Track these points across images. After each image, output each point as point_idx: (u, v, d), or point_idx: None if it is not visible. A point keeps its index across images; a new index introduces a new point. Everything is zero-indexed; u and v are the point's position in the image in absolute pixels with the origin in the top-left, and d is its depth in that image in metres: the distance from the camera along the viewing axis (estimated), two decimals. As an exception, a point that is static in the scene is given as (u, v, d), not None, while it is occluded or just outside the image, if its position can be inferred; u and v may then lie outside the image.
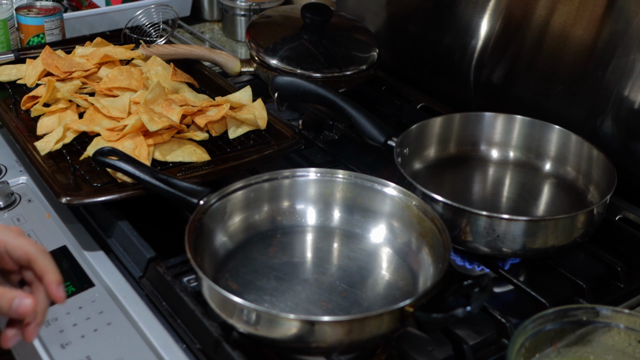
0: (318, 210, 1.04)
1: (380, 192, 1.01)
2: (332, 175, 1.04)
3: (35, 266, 0.78)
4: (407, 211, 0.98)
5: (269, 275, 0.94)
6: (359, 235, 1.02)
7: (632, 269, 1.04)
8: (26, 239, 0.80)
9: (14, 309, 0.75)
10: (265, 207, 1.03)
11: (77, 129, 1.18)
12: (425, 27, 1.51)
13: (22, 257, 0.79)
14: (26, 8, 1.58)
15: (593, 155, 1.13)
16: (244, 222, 1.01)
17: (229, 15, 1.82)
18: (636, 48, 1.13)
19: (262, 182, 1.02)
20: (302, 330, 0.78)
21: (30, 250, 0.78)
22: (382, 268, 0.98)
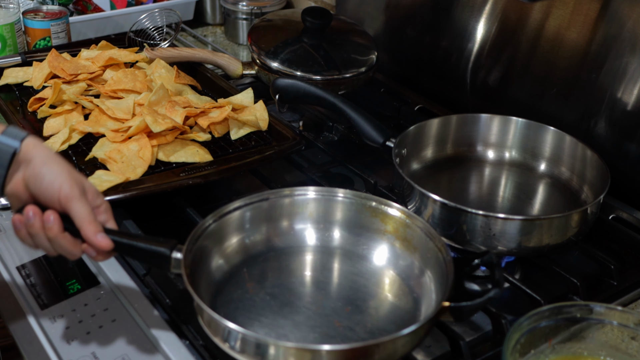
0: (318, 230, 0.99)
1: (383, 212, 0.96)
2: (333, 194, 0.98)
3: (84, 232, 0.81)
4: (410, 232, 0.93)
5: (267, 299, 0.89)
6: (360, 256, 0.97)
7: (625, 267, 1.04)
8: (89, 207, 0.82)
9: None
10: (264, 228, 0.97)
11: (83, 130, 1.18)
12: (423, 31, 1.51)
13: (77, 221, 0.81)
14: (33, 12, 1.58)
15: (587, 155, 1.13)
16: (241, 243, 0.96)
17: (231, 19, 1.82)
18: (629, 51, 1.13)
19: (259, 202, 0.96)
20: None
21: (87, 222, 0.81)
22: (384, 290, 0.93)
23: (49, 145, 1.16)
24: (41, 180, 0.81)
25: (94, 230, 0.81)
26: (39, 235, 0.82)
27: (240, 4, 1.78)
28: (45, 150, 0.83)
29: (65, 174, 0.82)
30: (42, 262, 1.03)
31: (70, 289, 0.98)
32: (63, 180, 0.81)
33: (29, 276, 1.01)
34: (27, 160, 0.82)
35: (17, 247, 1.06)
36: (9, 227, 1.10)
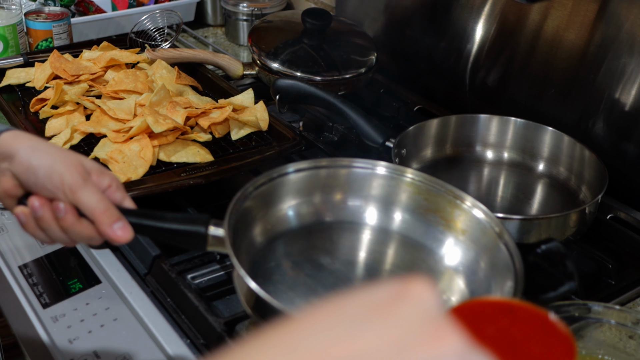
0: (375, 208, 0.89)
1: (454, 202, 0.86)
2: (400, 173, 0.87)
3: (99, 226, 0.71)
4: (481, 232, 0.82)
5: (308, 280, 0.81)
6: (418, 245, 0.87)
7: (623, 267, 1.04)
8: (97, 194, 0.71)
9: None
10: (317, 198, 0.87)
11: (85, 130, 1.18)
12: (422, 32, 1.51)
13: (88, 213, 0.71)
14: (35, 13, 1.58)
15: (585, 156, 1.13)
16: (288, 211, 0.86)
17: (231, 20, 1.82)
18: (627, 52, 1.13)
19: (316, 169, 0.85)
20: None
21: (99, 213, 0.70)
22: (441, 285, 0.84)
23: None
24: (35, 175, 0.71)
25: (109, 221, 0.70)
26: (52, 227, 0.71)
27: (241, 5, 1.78)
28: (28, 140, 0.73)
29: (59, 161, 0.71)
30: (44, 262, 1.03)
31: (72, 288, 0.98)
32: (62, 169, 0.70)
33: (31, 275, 1.01)
34: (9, 156, 0.72)
35: (19, 246, 1.06)
36: (10, 226, 1.10)
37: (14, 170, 0.72)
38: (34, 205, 0.71)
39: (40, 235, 0.73)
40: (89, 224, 0.71)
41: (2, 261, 1.04)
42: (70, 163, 0.71)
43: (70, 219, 0.71)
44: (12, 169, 0.72)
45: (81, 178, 0.71)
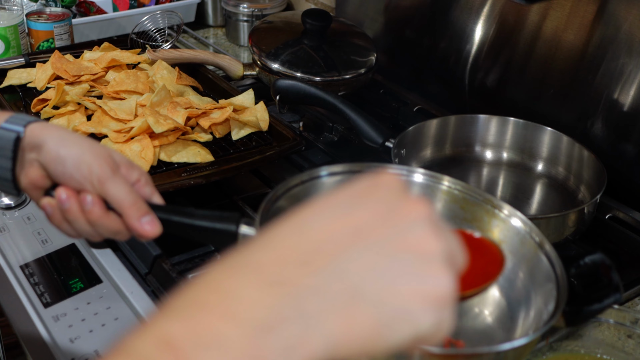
0: None
1: (492, 212, 0.82)
2: (438, 181, 0.84)
3: (126, 219, 0.70)
4: (519, 242, 0.79)
5: None
6: None
7: (621, 266, 1.04)
8: (126, 186, 0.70)
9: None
10: None
11: (86, 130, 1.18)
12: (422, 33, 1.51)
13: (116, 205, 0.69)
14: (36, 14, 1.58)
15: (584, 156, 1.13)
16: None
17: (232, 20, 1.82)
18: (625, 53, 1.13)
19: (350, 173, 0.81)
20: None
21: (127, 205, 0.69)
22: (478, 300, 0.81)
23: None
24: (63, 164, 0.69)
25: (137, 214, 0.69)
26: (79, 220, 0.70)
27: (241, 6, 1.78)
28: (56, 130, 0.71)
29: (88, 152, 0.69)
30: (45, 261, 1.03)
31: (73, 288, 0.98)
32: (90, 160, 0.68)
33: (33, 275, 1.01)
34: (37, 146, 0.70)
35: (21, 246, 1.06)
36: (12, 226, 1.10)
37: (42, 160, 0.70)
38: (61, 196, 0.69)
39: (67, 227, 0.72)
40: (116, 217, 0.70)
41: (4, 261, 1.04)
42: (99, 154, 0.70)
43: (98, 212, 0.69)
44: (40, 159, 0.70)
45: (110, 170, 0.69)
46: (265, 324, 0.39)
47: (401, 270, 0.43)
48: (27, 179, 0.72)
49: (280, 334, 0.39)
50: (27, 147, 0.71)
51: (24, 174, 0.72)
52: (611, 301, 0.72)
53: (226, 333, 0.38)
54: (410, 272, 0.43)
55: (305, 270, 0.41)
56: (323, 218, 0.44)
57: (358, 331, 0.42)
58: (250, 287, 0.41)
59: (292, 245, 0.43)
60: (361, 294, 0.42)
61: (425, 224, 0.45)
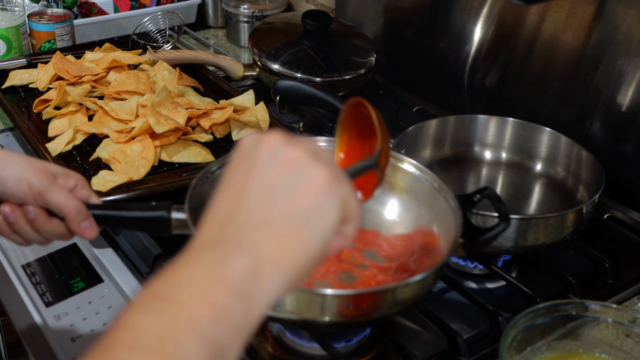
0: None
1: (396, 166, 0.94)
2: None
3: (68, 223, 0.77)
4: (419, 185, 0.92)
5: None
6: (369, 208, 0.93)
7: (619, 266, 1.04)
8: (64, 193, 0.76)
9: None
10: None
11: (87, 131, 1.18)
12: (421, 33, 1.51)
13: (57, 211, 0.76)
14: (38, 15, 1.58)
15: (582, 156, 1.13)
16: None
17: (232, 21, 1.82)
18: (624, 53, 1.13)
19: None
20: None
21: (67, 210, 0.76)
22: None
23: (54, 146, 1.16)
24: (5, 185, 0.75)
25: (78, 220, 0.76)
26: (25, 229, 0.77)
27: (242, 7, 1.78)
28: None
29: (27, 169, 0.76)
30: (47, 261, 1.03)
31: (75, 287, 0.98)
32: (29, 176, 0.75)
33: (34, 274, 1.01)
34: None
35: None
36: (14, 226, 1.10)
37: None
38: (5, 211, 0.76)
39: (16, 237, 0.78)
40: (59, 222, 0.77)
41: (6, 260, 1.04)
42: (37, 169, 0.76)
43: (41, 219, 0.76)
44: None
45: (48, 182, 0.76)
46: (220, 261, 0.50)
47: (288, 186, 0.53)
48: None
49: (233, 264, 0.50)
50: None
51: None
52: (500, 229, 0.81)
53: (193, 275, 0.49)
54: (294, 183, 0.53)
55: (230, 223, 0.52)
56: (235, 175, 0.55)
57: (291, 245, 0.52)
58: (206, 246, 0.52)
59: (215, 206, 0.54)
60: (272, 218, 0.52)
61: (282, 145, 0.54)
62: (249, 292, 0.49)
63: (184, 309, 0.47)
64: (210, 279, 0.49)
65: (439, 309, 0.94)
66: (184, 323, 0.46)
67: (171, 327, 0.46)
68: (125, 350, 0.45)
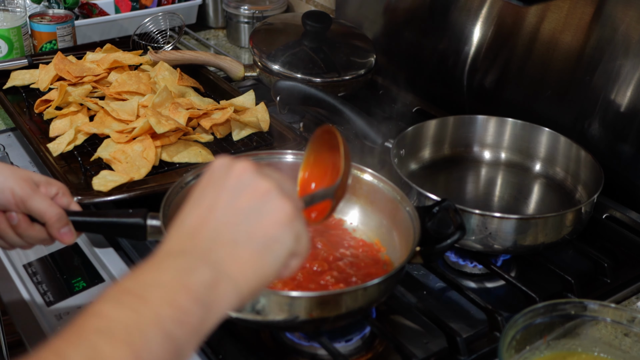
0: None
1: (356, 177, 0.98)
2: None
3: (48, 229, 0.81)
4: (379, 195, 0.96)
5: None
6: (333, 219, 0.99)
7: (618, 265, 1.04)
8: (46, 200, 0.80)
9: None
10: None
11: (88, 131, 1.18)
12: (421, 34, 1.51)
13: (39, 217, 0.80)
14: (39, 16, 1.58)
15: (581, 156, 1.13)
16: None
17: (233, 22, 1.82)
18: (622, 54, 1.13)
19: None
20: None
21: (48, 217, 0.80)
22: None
23: (56, 146, 1.16)
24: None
25: (58, 226, 0.80)
26: (8, 234, 0.81)
27: (242, 7, 1.78)
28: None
29: (10, 177, 0.80)
30: (48, 260, 1.03)
31: (76, 287, 0.98)
32: (12, 183, 0.79)
33: (36, 274, 1.01)
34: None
35: (24, 245, 1.06)
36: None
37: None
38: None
39: (0, 242, 0.83)
40: (40, 227, 0.81)
41: (7, 260, 1.04)
42: (20, 178, 0.80)
43: (24, 225, 0.80)
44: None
45: (30, 189, 0.80)
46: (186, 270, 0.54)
47: (255, 213, 0.58)
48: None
49: (197, 274, 0.54)
50: None
51: None
52: (456, 238, 0.84)
53: (161, 279, 0.54)
54: (261, 211, 0.58)
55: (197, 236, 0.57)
56: (197, 201, 0.60)
57: (249, 266, 0.57)
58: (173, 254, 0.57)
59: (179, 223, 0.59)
60: (237, 240, 0.57)
61: (254, 175, 0.59)
62: (208, 300, 0.54)
63: (151, 306, 0.52)
64: (176, 284, 0.54)
65: (438, 309, 0.94)
66: (151, 319, 0.51)
67: (139, 320, 0.51)
68: (95, 334, 0.49)
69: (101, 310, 0.52)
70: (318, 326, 0.82)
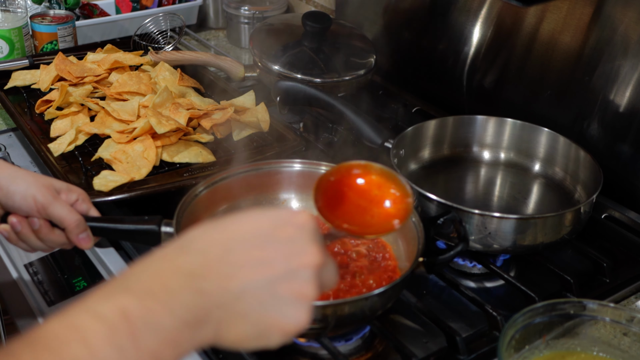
0: (301, 199, 1.03)
1: None
2: (316, 166, 1.02)
3: (67, 234, 0.84)
4: None
5: None
6: None
7: (617, 265, 1.04)
8: (66, 207, 0.84)
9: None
10: (251, 195, 1.01)
11: (89, 131, 1.18)
12: (420, 35, 1.51)
13: (59, 223, 0.84)
14: (40, 16, 1.58)
15: (580, 156, 1.13)
16: (230, 209, 0.99)
17: (233, 23, 1.82)
18: (621, 54, 1.13)
19: (247, 172, 1.00)
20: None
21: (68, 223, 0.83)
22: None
23: (57, 146, 1.17)
24: (13, 199, 0.83)
25: (76, 232, 0.84)
26: (31, 238, 0.85)
27: (243, 8, 1.78)
28: (8, 169, 0.85)
29: (33, 184, 0.83)
30: (49, 260, 1.03)
31: (77, 286, 0.98)
32: (34, 191, 0.83)
33: (37, 274, 1.01)
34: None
35: (25, 245, 1.06)
36: (17, 225, 1.10)
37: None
38: (12, 222, 0.84)
39: (22, 245, 0.86)
40: (61, 233, 0.85)
41: (8, 259, 1.04)
42: (42, 185, 0.84)
43: (45, 230, 0.84)
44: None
45: (51, 196, 0.83)
46: (189, 322, 0.52)
47: (277, 307, 0.55)
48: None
49: (196, 332, 0.53)
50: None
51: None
52: (459, 249, 0.85)
53: (163, 321, 0.51)
54: (280, 310, 0.55)
55: (222, 285, 0.54)
56: (244, 244, 0.56)
57: (242, 338, 0.56)
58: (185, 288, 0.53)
59: (217, 257, 0.55)
60: (248, 316, 0.55)
61: (310, 275, 0.56)
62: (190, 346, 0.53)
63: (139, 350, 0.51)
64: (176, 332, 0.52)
65: (438, 308, 0.94)
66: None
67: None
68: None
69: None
70: (318, 333, 0.83)
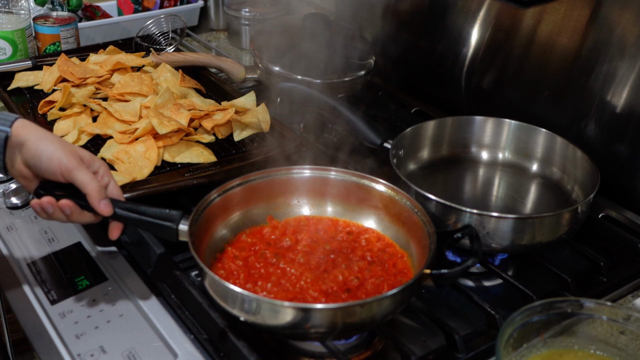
0: (312, 204, 1.03)
1: (372, 188, 1.00)
2: (326, 172, 1.02)
3: (89, 199, 0.87)
4: (397, 207, 0.97)
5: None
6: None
7: (614, 264, 1.04)
8: (88, 174, 0.86)
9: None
10: (263, 202, 1.01)
11: (91, 131, 1.18)
12: (419, 36, 1.51)
13: (81, 188, 0.86)
14: (43, 18, 1.58)
15: (577, 156, 1.13)
16: (242, 215, 0.99)
17: (234, 24, 1.82)
18: (618, 55, 1.13)
19: (259, 179, 1.00)
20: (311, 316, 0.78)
21: (90, 189, 0.86)
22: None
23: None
24: (40, 159, 0.85)
25: (98, 197, 0.86)
26: (61, 218, 0.88)
27: (243, 10, 1.78)
28: (35, 130, 0.88)
29: (59, 148, 0.86)
30: (52, 259, 1.03)
31: (79, 285, 0.98)
32: (60, 154, 0.85)
33: (40, 273, 1.01)
34: (20, 144, 0.87)
35: (28, 244, 1.06)
36: (20, 225, 1.10)
37: (24, 156, 0.87)
38: (44, 206, 0.86)
39: (50, 219, 0.89)
40: (89, 214, 0.88)
41: (12, 258, 1.04)
42: (67, 150, 0.87)
43: (75, 214, 0.88)
44: (22, 155, 0.87)
45: (76, 162, 0.86)
46: None
47: None
48: (14, 171, 0.90)
49: None
50: (12, 145, 0.88)
51: (11, 166, 0.89)
52: (469, 263, 0.83)
53: None
54: None
55: None
56: None
57: None
58: None
59: None
60: None
61: None
62: None
63: None
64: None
65: (436, 307, 0.94)
66: None
67: None
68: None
69: None
70: (324, 337, 0.83)
